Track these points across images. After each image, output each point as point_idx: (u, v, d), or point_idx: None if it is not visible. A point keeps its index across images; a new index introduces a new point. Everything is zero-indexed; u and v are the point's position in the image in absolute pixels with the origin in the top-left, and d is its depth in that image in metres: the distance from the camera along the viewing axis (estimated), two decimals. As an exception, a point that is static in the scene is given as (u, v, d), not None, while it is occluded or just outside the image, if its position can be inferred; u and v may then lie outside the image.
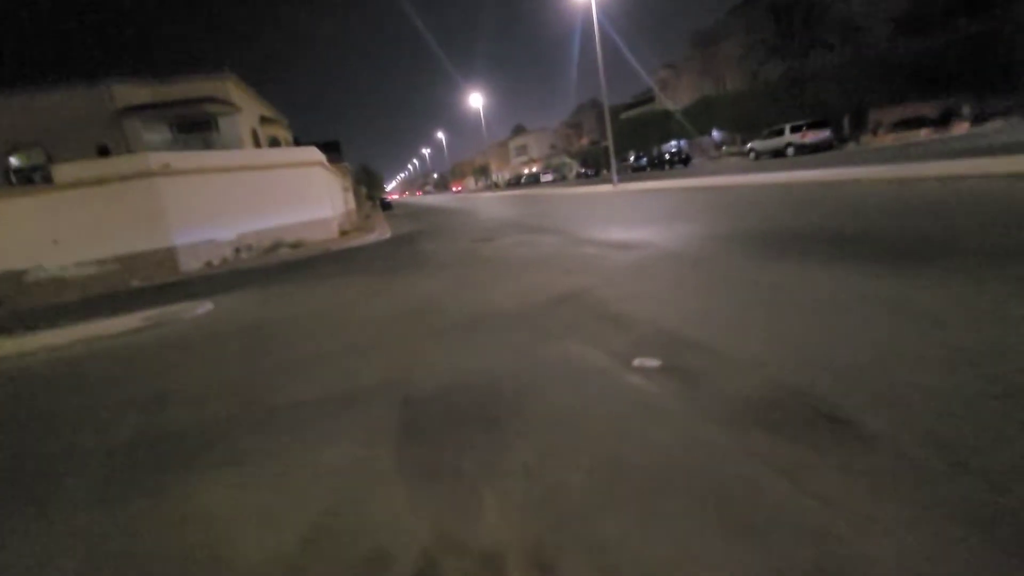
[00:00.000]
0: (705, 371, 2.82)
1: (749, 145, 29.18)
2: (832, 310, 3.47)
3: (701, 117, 39.54)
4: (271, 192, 16.89)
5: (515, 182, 64.06)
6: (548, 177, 57.15)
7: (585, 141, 64.50)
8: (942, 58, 24.56)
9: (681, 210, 11.39)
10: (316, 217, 18.04)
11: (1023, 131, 16.70)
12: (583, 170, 52.62)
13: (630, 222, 10.41)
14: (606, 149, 27.24)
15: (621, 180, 25.00)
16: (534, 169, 67.27)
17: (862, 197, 8.72)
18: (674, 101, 44.64)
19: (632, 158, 43.40)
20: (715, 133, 41.67)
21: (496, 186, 67.93)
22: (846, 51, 28.38)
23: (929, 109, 25.67)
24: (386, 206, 47.44)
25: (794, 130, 24.84)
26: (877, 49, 27.06)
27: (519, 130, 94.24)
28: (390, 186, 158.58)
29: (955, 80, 24.49)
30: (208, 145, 22.01)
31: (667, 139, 44.57)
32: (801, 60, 30.72)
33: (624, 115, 52.44)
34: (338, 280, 9.00)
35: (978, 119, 24.11)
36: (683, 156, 38.48)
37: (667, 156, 39.27)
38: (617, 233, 8.94)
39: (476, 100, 51.82)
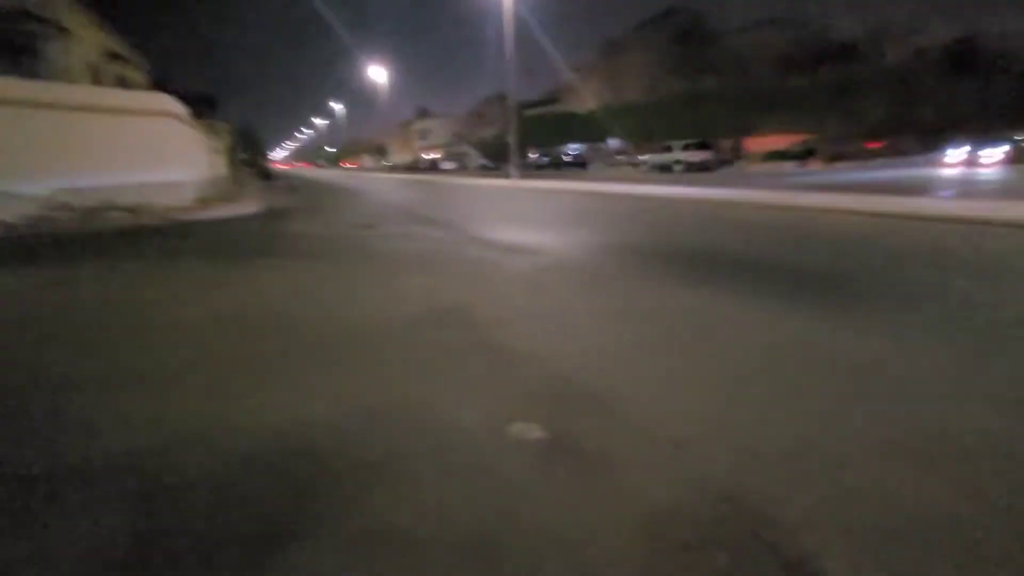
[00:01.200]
0: (606, 452, 2.06)
1: (643, 157, 30.45)
2: (760, 357, 2.94)
3: (602, 123, 40.79)
4: (105, 142, 13.74)
5: (414, 166, 61.59)
6: (448, 165, 55.67)
7: (489, 133, 63.87)
8: (810, 98, 27.54)
9: (579, 214, 11.00)
10: (165, 179, 15.08)
11: (867, 173, 19.02)
12: (484, 162, 51.94)
13: (526, 222, 9.76)
14: (508, 143, 26.70)
15: (520, 177, 24.62)
16: (435, 155, 65.23)
17: (754, 220, 8.89)
18: (578, 104, 45.62)
19: (535, 156, 43.62)
20: (612, 141, 43.27)
21: (394, 168, 64.85)
22: (733, 81, 30.70)
23: (796, 141, 28.76)
24: (267, 175, 42.72)
25: (683, 148, 26.27)
26: (760, 83, 29.59)
27: (423, 113, 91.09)
28: (280, 155, 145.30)
29: (821, 119, 27.63)
30: (28, 74, 17.57)
31: (569, 140, 45.46)
32: (694, 82, 32.78)
33: (529, 112, 52.66)
34: (169, 263, 7.17)
35: (832, 159, 27.43)
36: (581, 159, 39.38)
37: (566, 158, 39.93)
38: (511, 234, 8.19)
39: (377, 75, 48.68)
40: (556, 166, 39.47)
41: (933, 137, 32.32)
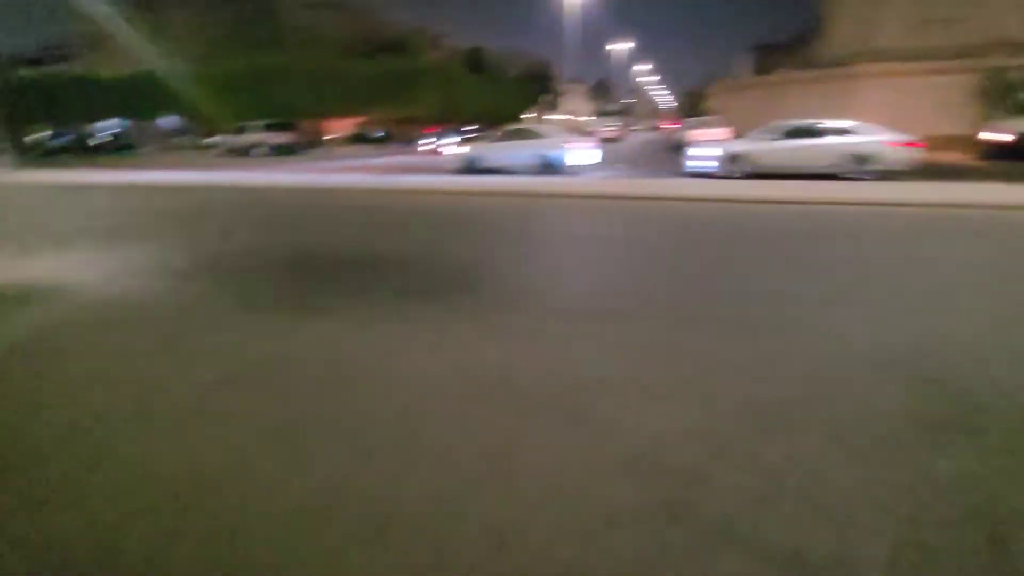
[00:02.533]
0: None
1: (215, 139, 25.94)
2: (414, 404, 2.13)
3: (147, 95, 32.31)
4: None
5: None
6: None
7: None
8: (377, 84, 29.24)
9: (126, 219, 7.85)
10: None
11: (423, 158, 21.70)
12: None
13: (27, 243, 6.14)
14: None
15: (19, 167, 16.77)
16: None
17: (358, 206, 8.25)
18: (109, 67, 34.60)
19: (49, 135, 31.20)
20: (169, 118, 35.30)
21: None
22: (301, 60, 29.31)
23: (369, 124, 30.41)
24: None
25: (265, 129, 23.62)
26: (328, 65, 29.29)
27: None
28: None
29: (390, 104, 29.83)
30: None
31: (101, 115, 34.32)
32: (257, 55, 29.64)
33: (25, 73, 37.01)
34: None
35: (407, 141, 30.35)
36: (126, 141, 30.66)
37: (100, 139, 30.27)
38: (-4, 267, 4.88)
39: None
40: (88, 150, 29.33)
41: (465, 124, 41.01)
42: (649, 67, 71.65)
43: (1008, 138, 13.11)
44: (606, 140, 35.37)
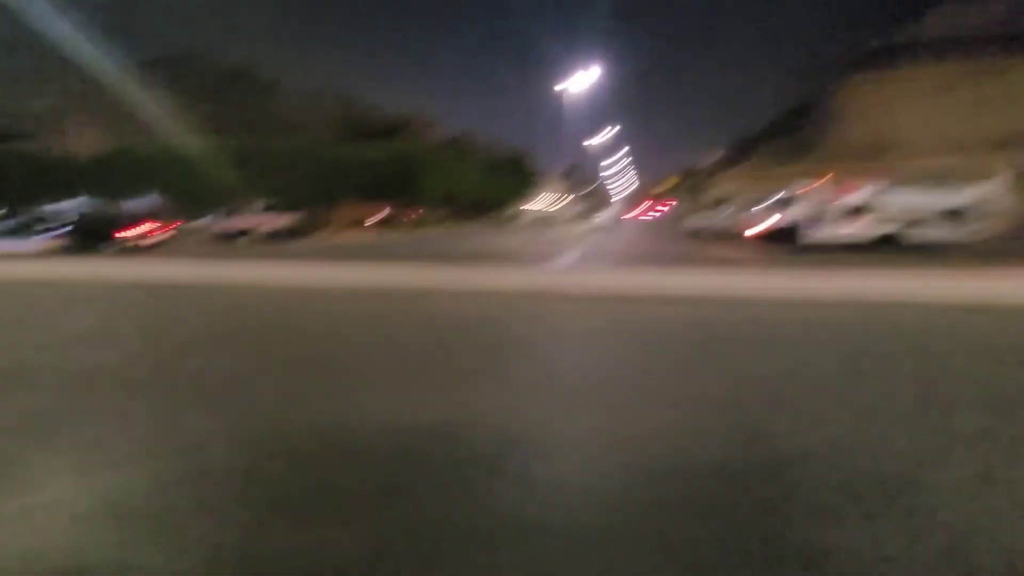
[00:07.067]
0: None
1: (203, 221, 23.35)
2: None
3: (117, 173, 29.61)
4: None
5: None
6: None
7: None
8: (377, 168, 27.88)
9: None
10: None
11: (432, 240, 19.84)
12: None
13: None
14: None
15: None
16: None
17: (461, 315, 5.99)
18: (80, 145, 31.98)
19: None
20: (139, 199, 32.47)
21: None
22: (300, 143, 27.97)
23: (375, 210, 28.74)
24: None
25: (265, 211, 21.31)
26: (327, 150, 27.99)
27: None
28: None
29: (389, 189, 28.39)
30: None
31: (61, 194, 31.08)
32: (241, 136, 28.01)
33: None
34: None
35: (415, 225, 28.75)
36: (107, 223, 27.45)
37: (50, 225, 26.82)
38: None
39: None
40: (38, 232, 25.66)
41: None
42: (622, 151, 74.62)
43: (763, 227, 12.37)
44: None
